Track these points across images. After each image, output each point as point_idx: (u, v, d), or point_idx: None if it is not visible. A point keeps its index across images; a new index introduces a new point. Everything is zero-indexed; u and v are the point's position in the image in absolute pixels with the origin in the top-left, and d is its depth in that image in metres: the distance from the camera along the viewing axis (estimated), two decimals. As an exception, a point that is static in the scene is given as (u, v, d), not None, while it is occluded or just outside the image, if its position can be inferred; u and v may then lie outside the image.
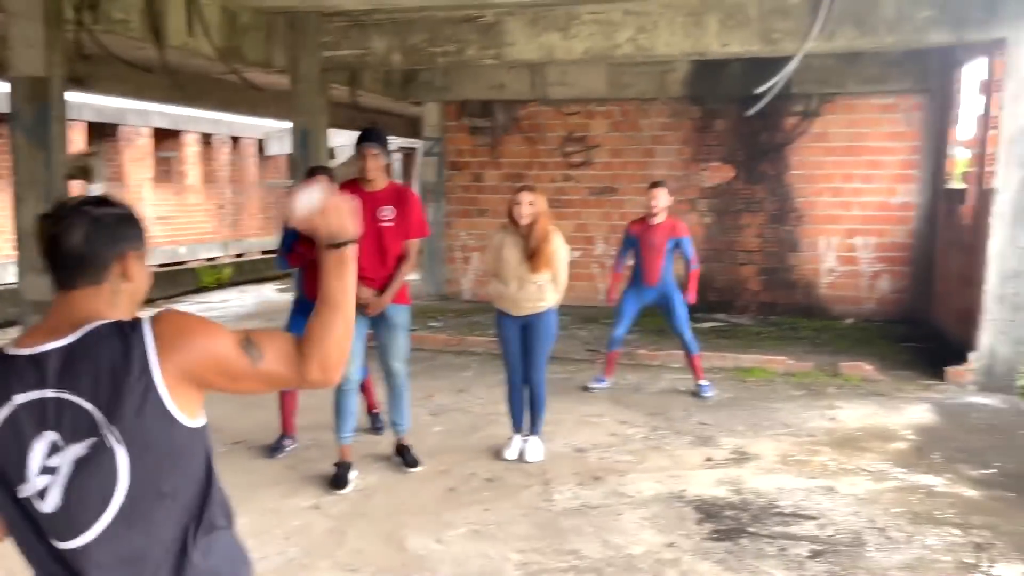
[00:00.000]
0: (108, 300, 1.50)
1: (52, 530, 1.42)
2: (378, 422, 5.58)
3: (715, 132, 10.39)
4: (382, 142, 4.53)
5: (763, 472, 4.93)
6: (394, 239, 4.57)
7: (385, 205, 4.53)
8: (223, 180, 17.41)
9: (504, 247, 4.96)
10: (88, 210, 1.49)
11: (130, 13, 6.23)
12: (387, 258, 4.58)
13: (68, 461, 1.41)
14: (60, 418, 1.41)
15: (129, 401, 1.41)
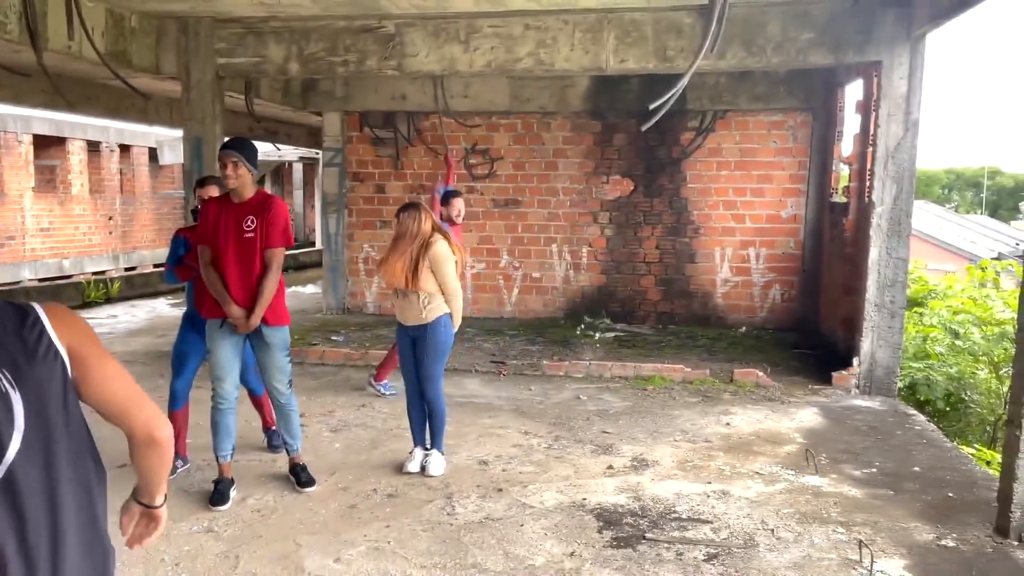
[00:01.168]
0: None
1: None
2: (275, 439, 5.41)
3: (615, 146, 10.63)
4: (245, 151, 4.36)
5: (661, 478, 5.04)
6: (258, 251, 4.39)
7: (249, 215, 4.37)
8: (112, 190, 16.62)
9: (388, 260, 4.91)
10: None
11: (8, 15, 5.88)
12: (253, 271, 4.39)
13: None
14: None
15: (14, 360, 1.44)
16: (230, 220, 4.38)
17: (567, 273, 10.84)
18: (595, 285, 10.78)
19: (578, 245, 10.78)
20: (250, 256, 4.38)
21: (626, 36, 7.29)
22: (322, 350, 8.46)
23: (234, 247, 4.38)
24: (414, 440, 5.13)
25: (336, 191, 11.30)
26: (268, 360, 4.56)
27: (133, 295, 14.05)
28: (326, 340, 9.18)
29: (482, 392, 7.17)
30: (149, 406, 1.66)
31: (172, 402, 4.95)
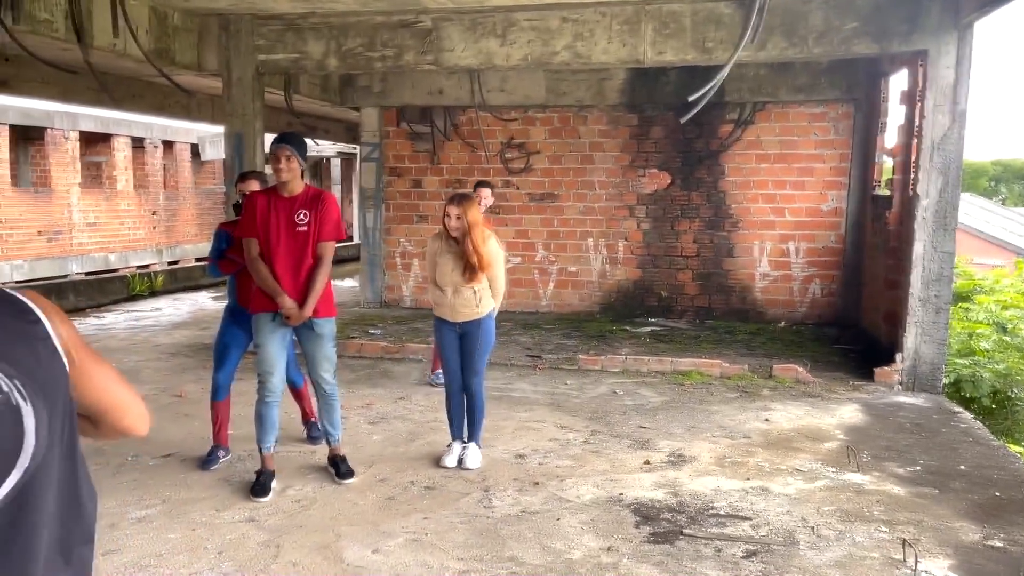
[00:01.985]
0: None
1: None
2: (315, 431, 5.48)
3: (652, 139, 10.55)
4: (296, 145, 4.43)
5: (700, 474, 5.00)
6: (310, 244, 4.46)
7: (301, 209, 4.43)
8: (156, 185, 16.94)
9: (439, 255, 4.94)
10: None
11: (54, 13, 6.02)
12: (304, 264, 4.46)
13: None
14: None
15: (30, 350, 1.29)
16: (280, 214, 4.42)
17: (603, 267, 10.80)
18: (631, 279, 10.72)
19: (614, 239, 10.73)
20: (302, 249, 4.43)
21: (664, 28, 7.22)
22: (360, 343, 8.55)
23: (285, 240, 4.41)
24: (452, 434, 5.16)
25: (374, 186, 11.39)
26: (317, 351, 4.61)
27: (176, 288, 14.32)
28: (364, 333, 9.26)
29: (518, 386, 7.18)
30: (139, 406, 1.55)
31: (215, 393, 5.04)
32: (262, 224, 4.43)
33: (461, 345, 5.01)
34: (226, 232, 5.02)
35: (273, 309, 4.46)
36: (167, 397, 6.69)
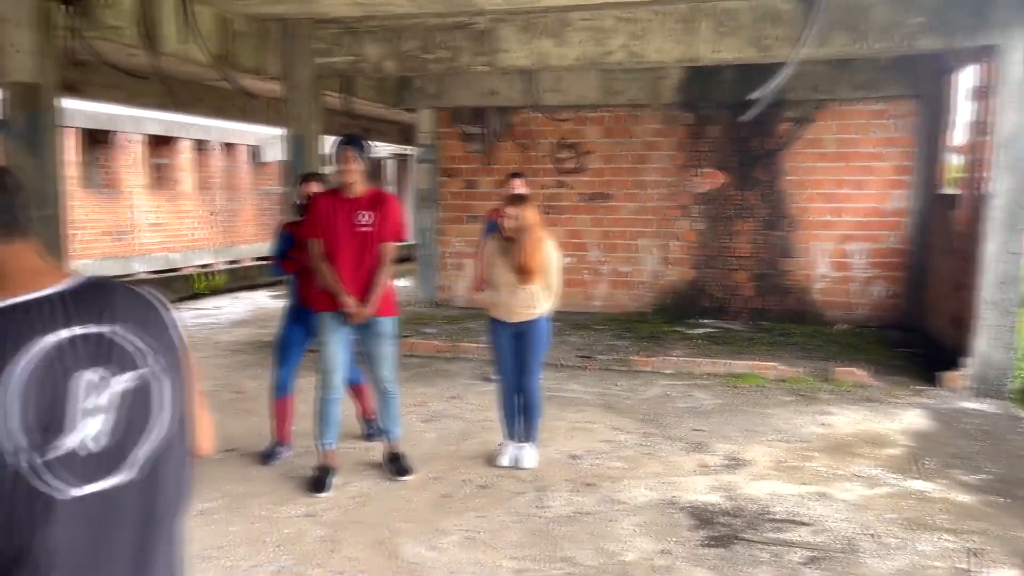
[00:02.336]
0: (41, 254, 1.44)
1: (85, 473, 1.35)
2: (372, 428, 5.56)
3: (707, 138, 10.43)
4: (360, 147, 4.51)
5: (756, 478, 4.93)
6: (373, 244, 4.54)
7: (364, 210, 4.50)
8: (216, 186, 17.38)
9: (495, 255, 4.97)
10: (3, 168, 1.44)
11: (123, 19, 6.22)
12: (366, 264, 4.53)
13: (116, 396, 1.38)
14: (111, 352, 1.38)
15: (162, 337, 1.45)
16: (344, 214, 4.49)
17: (656, 267, 10.72)
18: (685, 280, 10.62)
19: (668, 239, 10.64)
20: (364, 249, 4.51)
21: (720, 25, 7.13)
22: (413, 342, 8.64)
23: (348, 240, 4.49)
24: (506, 433, 5.18)
25: (428, 187, 11.50)
26: (378, 349, 4.69)
27: (236, 287, 14.66)
28: (417, 332, 9.36)
29: (569, 387, 7.18)
30: (210, 427, 1.64)
31: (277, 390, 5.15)
32: (326, 225, 4.51)
33: (516, 345, 5.03)
34: (288, 232, 5.13)
35: (336, 308, 4.54)
36: (228, 393, 6.86)
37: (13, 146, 5.44)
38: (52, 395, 1.31)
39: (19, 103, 5.43)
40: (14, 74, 5.36)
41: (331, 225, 4.50)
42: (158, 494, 1.46)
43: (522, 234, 4.82)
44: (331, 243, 4.50)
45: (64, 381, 1.33)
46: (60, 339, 1.33)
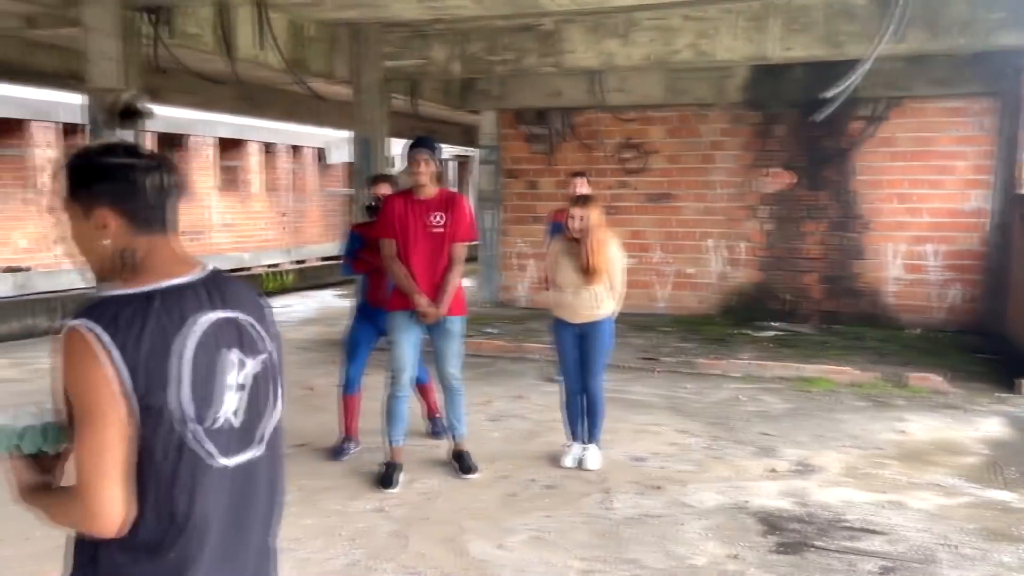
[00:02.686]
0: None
1: (232, 444, 1.50)
2: (438, 427, 5.62)
3: (776, 137, 10.24)
4: (433, 149, 4.58)
5: (829, 485, 4.82)
6: (445, 245, 4.61)
7: (436, 211, 4.58)
8: (285, 188, 17.80)
9: (560, 255, 4.97)
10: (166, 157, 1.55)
11: (203, 27, 6.44)
12: (438, 264, 4.61)
13: (249, 376, 1.53)
14: (243, 335, 1.53)
15: (272, 327, 1.62)
16: (417, 216, 4.57)
17: (722, 269, 10.57)
18: (752, 282, 10.44)
19: (735, 240, 10.48)
20: (437, 250, 4.58)
21: (793, 23, 7.00)
22: (478, 342, 8.69)
23: (422, 241, 4.56)
24: (571, 435, 5.19)
25: (491, 188, 11.57)
26: (448, 347, 4.75)
27: (304, 286, 15.00)
28: (480, 332, 9.42)
29: (634, 389, 7.13)
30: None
31: (346, 387, 5.26)
32: (399, 225, 4.58)
33: (580, 346, 5.03)
34: (358, 233, 5.23)
35: (409, 307, 4.60)
36: (299, 390, 7.02)
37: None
38: (208, 370, 1.45)
39: (104, 108, 5.66)
40: (100, 80, 5.60)
41: (404, 226, 4.57)
42: (277, 470, 1.63)
43: (587, 235, 4.82)
44: (404, 244, 4.58)
45: (216, 358, 1.47)
46: (211, 320, 1.48)
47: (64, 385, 1.39)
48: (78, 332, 1.37)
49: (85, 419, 1.36)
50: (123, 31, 5.54)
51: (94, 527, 1.37)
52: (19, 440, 1.48)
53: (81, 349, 1.36)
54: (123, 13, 5.50)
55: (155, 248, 1.50)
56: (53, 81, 8.51)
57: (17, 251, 12.14)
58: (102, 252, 1.48)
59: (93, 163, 1.48)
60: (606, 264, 4.86)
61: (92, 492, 1.35)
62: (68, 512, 1.41)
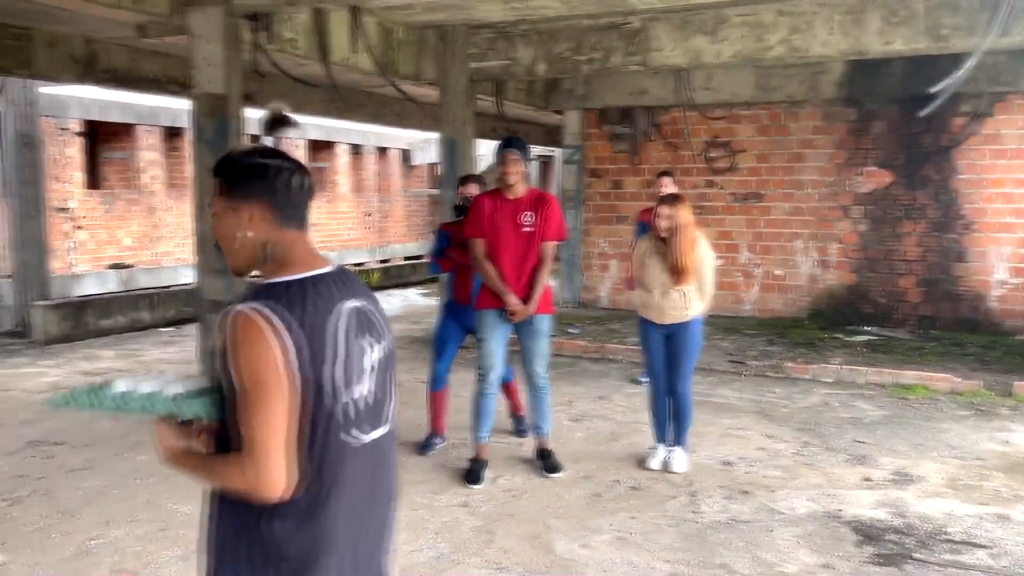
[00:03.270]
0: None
1: (367, 422, 1.67)
2: (522, 425, 5.65)
3: (871, 135, 9.87)
4: (523, 149, 4.61)
5: (928, 496, 4.63)
6: (535, 244, 4.64)
7: (526, 211, 4.61)
8: (370, 189, 18.20)
9: (647, 256, 4.92)
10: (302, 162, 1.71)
11: (298, 32, 6.65)
12: (528, 263, 4.64)
13: (377, 360, 1.70)
14: (371, 323, 1.71)
15: (386, 317, 1.80)
16: (507, 215, 4.61)
17: (813, 271, 10.26)
18: (845, 284, 10.10)
19: (826, 241, 10.16)
20: (527, 249, 4.62)
21: (892, 16, 6.74)
22: (560, 342, 8.69)
23: (512, 240, 4.60)
24: (657, 436, 5.13)
25: (574, 188, 11.54)
26: (535, 346, 4.78)
27: (389, 285, 15.30)
28: (562, 332, 9.41)
29: (721, 392, 7.01)
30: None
31: (433, 383, 5.34)
32: (489, 225, 4.63)
33: (667, 347, 4.97)
34: (446, 232, 5.31)
35: (499, 306, 4.65)
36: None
37: (204, 152, 5.94)
38: (352, 352, 1.62)
39: (208, 112, 5.92)
40: (205, 86, 5.85)
41: (494, 225, 4.61)
42: (395, 449, 1.81)
43: (676, 234, 4.75)
44: (494, 243, 4.62)
45: (357, 341, 1.64)
46: (350, 307, 1.65)
47: (233, 362, 1.52)
48: (248, 315, 1.52)
49: (256, 392, 1.49)
50: (226, 38, 5.77)
51: (262, 491, 1.50)
52: (175, 407, 1.62)
53: (252, 330, 1.50)
54: (227, 20, 5.73)
55: (296, 242, 1.66)
56: (157, 86, 8.93)
57: (122, 249, 12.79)
58: (246, 243, 1.63)
59: (245, 163, 1.65)
60: (695, 264, 4.79)
61: (263, 459, 1.49)
62: (231, 477, 1.54)
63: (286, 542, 1.56)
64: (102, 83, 8.49)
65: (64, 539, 4.00)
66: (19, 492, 4.61)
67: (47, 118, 11.35)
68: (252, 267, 1.66)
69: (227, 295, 5.86)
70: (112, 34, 7.78)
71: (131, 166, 13.23)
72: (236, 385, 1.52)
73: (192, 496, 4.50)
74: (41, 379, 7.44)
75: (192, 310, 10.22)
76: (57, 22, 7.31)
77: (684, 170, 10.75)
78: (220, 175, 1.65)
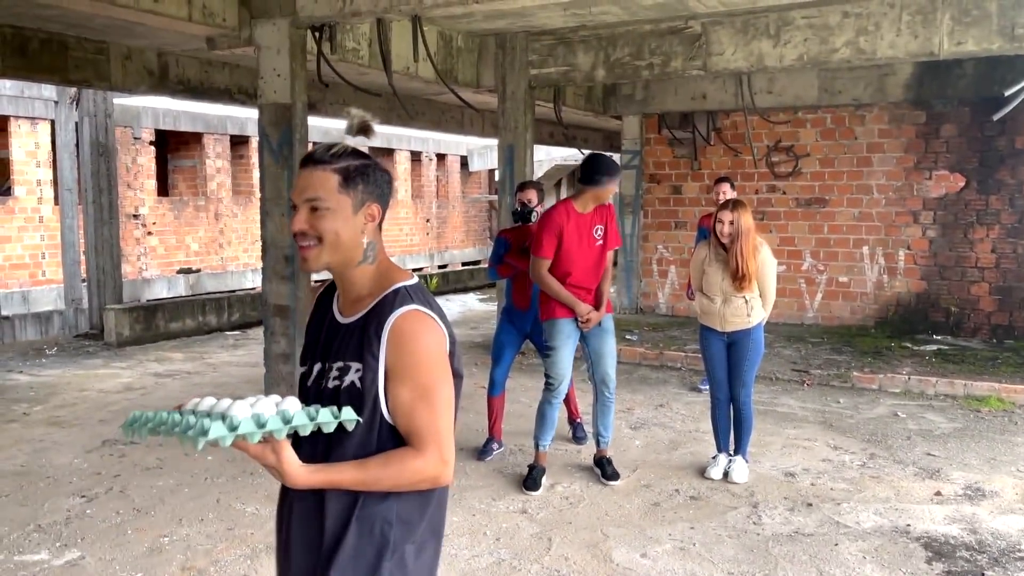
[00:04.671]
0: None
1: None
2: (580, 432, 5.64)
3: (942, 138, 9.57)
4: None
5: (1003, 512, 4.46)
6: (604, 255, 4.75)
7: (597, 224, 4.68)
8: (429, 195, 18.39)
9: (708, 262, 4.86)
10: None
11: (360, 42, 6.78)
12: (599, 272, 4.74)
13: None
14: None
15: None
16: (583, 230, 4.65)
17: (880, 278, 9.98)
18: (913, 292, 9.80)
19: (894, 247, 9.88)
20: (599, 260, 4.72)
21: (964, 15, 6.53)
22: (618, 348, 8.63)
23: (587, 253, 4.65)
24: (718, 445, 5.06)
25: (633, 193, 11.47)
26: (604, 347, 4.81)
27: (447, 290, 15.44)
28: (621, 339, 9.34)
29: (784, 401, 6.87)
30: None
31: (492, 388, 5.37)
32: (564, 239, 4.59)
33: (729, 355, 4.90)
34: (504, 238, 5.33)
35: (571, 315, 4.68)
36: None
37: (267, 160, 6.10)
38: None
39: (273, 121, 6.07)
40: (271, 96, 6.01)
41: (570, 239, 4.60)
42: None
43: (737, 239, 4.68)
44: (568, 258, 4.61)
45: None
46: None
47: (409, 358, 1.60)
48: (424, 312, 1.64)
49: (436, 384, 1.62)
50: (292, 49, 5.92)
51: (445, 477, 1.63)
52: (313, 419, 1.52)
53: (431, 326, 1.63)
54: (292, 32, 5.87)
55: (383, 247, 1.75)
56: (227, 97, 9.20)
57: (189, 254, 13.20)
58: (356, 241, 1.68)
59: (367, 164, 1.68)
60: (758, 270, 4.71)
61: (447, 446, 1.62)
62: (405, 472, 1.60)
63: (440, 522, 1.76)
64: (175, 94, 8.79)
65: (138, 536, 4.14)
66: (96, 489, 4.79)
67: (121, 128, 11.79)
68: (349, 265, 1.68)
69: (291, 300, 5.99)
70: (184, 47, 8.05)
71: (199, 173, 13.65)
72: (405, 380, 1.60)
73: (257, 497, 4.62)
74: (115, 380, 7.72)
75: (257, 314, 10.48)
76: (133, 36, 7.60)
77: (745, 175, 10.59)
78: (338, 171, 1.64)
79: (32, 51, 7.40)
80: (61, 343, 9.59)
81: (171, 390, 7.30)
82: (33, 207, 11.28)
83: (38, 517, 4.37)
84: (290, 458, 1.54)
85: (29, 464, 5.25)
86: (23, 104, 10.94)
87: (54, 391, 7.24)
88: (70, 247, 10.52)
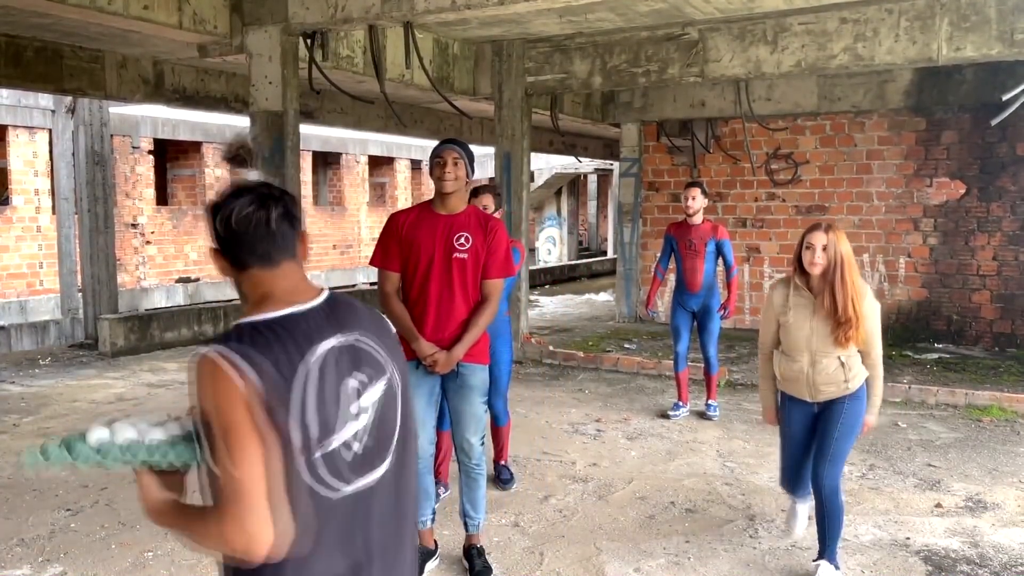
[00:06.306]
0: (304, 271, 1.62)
1: (351, 471, 1.49)
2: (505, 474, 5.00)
3: (942, 145, 9.51)
4: (467, 150, 3.58)
5: (1005, 524, 4.37)
6: (471, 276, 3.51)
7: (462, 231, 3.51)
8: (429, 203, 18.37)
9: (787, 310, 3.60)
10: (284, 193, 1.58)
11: (354, 50, 6.74)
12: (459, 298, 3.50)
13: (376, 399, 1.55)
14: (366, 358, 1.54)
15: (393, 346, 1.63)
16: (436, 235, 3.50)
17: (880, 286, 9.90)
18: (914, 300, 9.72)
19: (895, 255, 9.80)
20: (460, 279, 3.49)
21: (963, 21, 6.48)
22: (617, 357, 8.58)
23: (439, 269, 3.47)
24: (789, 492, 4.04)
25: (632, 201, 11.42)
26: (462, 406, 3.64)
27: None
28: (619, 347, 9.30)
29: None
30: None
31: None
32: (408, 249, 3.52)
33: (816, 426, 3.67)
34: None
35: (413, 357, 3.50)
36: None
37: (262, 168, 6.05)
38: (328, 397, 1.45)
39: (265, 128, 6.03)
40: (263, 103, 5.97)
41: (417, 249, 3.51)
42: (405, 490, 1.62)
43: (836, 272, 3.40)
44: (415, 271, 3.52)
45: (337, 385, 1.47)
46: (331, 346, 1.49)
47: (201, 409, 1.41)
48: (211, 357, 1.39)
49: (227, 437, 1.35)
50: (283, 56, 5.88)
51: (242, 547, 1.35)
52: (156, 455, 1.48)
53: (216, 373, 1.37)
54: (284, 39, 5.83)
55: (265, 280, 1.54)
56: (223, 105, 9.18)
57: (188, 263, 13.17)
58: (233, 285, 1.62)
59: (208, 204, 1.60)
60: (864, 318, 3.45)
61: (242, 509, 1.33)
62: (208, 533, 1.39)
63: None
64: (170, 103, 8.77)
65: (122, 550, 4.07)
66: (82, 502, 4.72)
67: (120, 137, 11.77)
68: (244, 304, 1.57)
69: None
70: (179, 55, 8.03)
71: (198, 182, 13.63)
72: (207, 433, 1.39)
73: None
74: (108, 390, 7.66)
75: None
76: (128, 45, 7.58)
77: (744, 182, 10.53)
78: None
79: (27, 60, 7.38)
80: (55, 353, 9.54)
81: (163, 400, 7.24)
82: (31, 216, 11.26)
83: (22, 531, 4.31)
84: (145, 488, 1.48)
85: (15, 476, 5.19)
86: (21, 113, 10.94)
87: (45, 402, 7.18)
88: (67, 256, 10.49)
